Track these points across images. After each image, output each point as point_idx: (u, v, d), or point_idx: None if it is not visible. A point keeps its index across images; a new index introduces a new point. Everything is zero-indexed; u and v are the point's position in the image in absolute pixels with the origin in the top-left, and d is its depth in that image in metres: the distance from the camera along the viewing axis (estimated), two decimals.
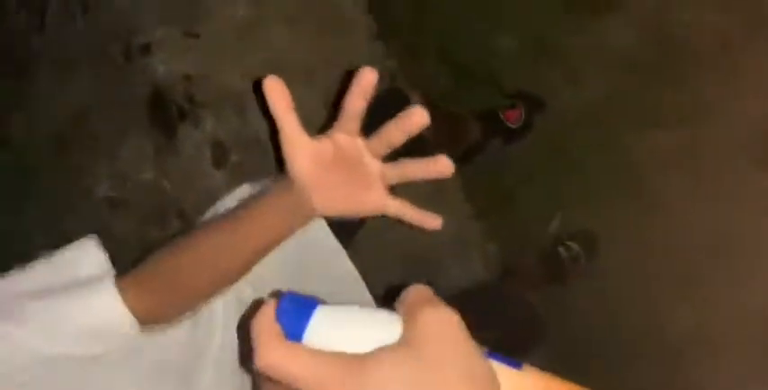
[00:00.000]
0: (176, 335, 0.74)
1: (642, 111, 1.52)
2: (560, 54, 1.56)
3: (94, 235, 0.73)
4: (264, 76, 0.57)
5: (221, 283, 0.72)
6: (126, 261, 0.73)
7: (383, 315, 0.38)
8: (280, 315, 0.37)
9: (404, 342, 0.35)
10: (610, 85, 1.54)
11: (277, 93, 0.56)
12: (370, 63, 0.56)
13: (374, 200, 0.62)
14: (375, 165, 0.60)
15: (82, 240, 0.72)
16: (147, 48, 1.27)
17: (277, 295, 0.39)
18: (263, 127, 1.28)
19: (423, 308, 0.36)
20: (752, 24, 1.37)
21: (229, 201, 0.87)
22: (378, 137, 0.59)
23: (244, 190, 0.87)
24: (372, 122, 0.61)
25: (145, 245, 0.73)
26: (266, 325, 0.36)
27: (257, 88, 0.57)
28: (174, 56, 1.30)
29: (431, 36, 1.63)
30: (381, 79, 0.57)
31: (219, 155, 1.29)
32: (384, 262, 1.43)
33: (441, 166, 0.58)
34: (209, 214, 0.91)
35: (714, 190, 1.46)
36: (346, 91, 0.58)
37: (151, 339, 0.71)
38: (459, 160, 1.60)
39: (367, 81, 0.55)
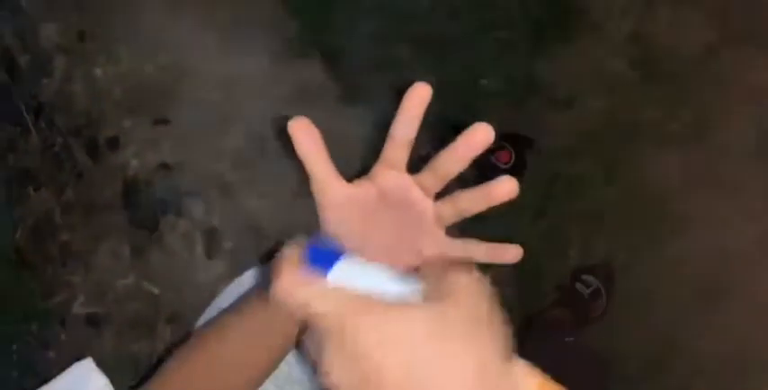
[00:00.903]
0: None
1: (642, 131, 1.52)
2: (544, 86, 1.55)
3: (89, 358, 0.69)
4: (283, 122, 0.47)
5: (247, 384, 0.64)
6: (122, 382, 0.69)
7: (403, 275, 0.40)
8: (307, 256, 0.39)
9: (431, 299, 0.36)
10: (602, 110, 1.54)
11: (305, 133, 0.46)
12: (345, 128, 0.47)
13: (432, 247, 0.51)
14: (428, 205, 0.49)
15: (77, 364, 0.70)
16: (114, 142, 1.18)
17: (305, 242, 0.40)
18: (253, 208, 1.18)
19: (451, 270, 0.37)
20: (737, 37, 1.40)
21: (232, 291, 0.82)
22: (430, 170, 0.48)
23: (247, 278, 0.81)
24: None
25: (137, 362, 0.69)
26: (291, 259, 0.38)
27: (283, 133, 0.47)
28: (146, 146, 1.21)
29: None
30: None
31: (211, 243, 1.18)
32: None
33: (506, 189, 0.47)
34: (210, 311, 0.85)
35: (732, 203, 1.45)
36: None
37: None
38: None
39: (417, 101, 0.45)
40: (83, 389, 0.68)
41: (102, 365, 0.73)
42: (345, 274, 0.39)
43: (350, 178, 0.50)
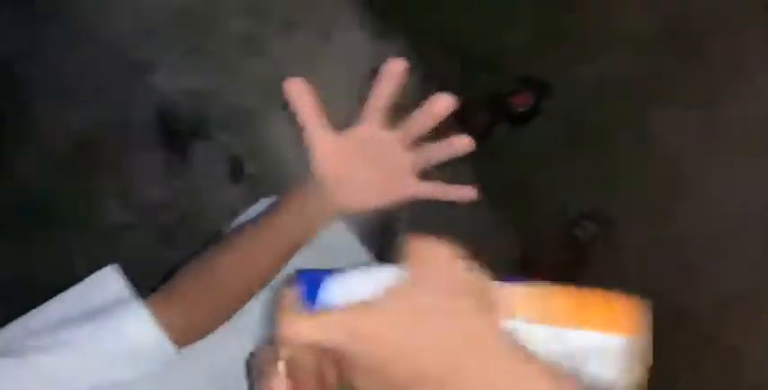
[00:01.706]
0: (221, 346, 0.74)
1: (656, 90, 1.52)
2: (568, 37, 1.55)
3: (115, 265, 0.74)
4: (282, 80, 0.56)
5: (252, 289, 0.72)
6: (148, 284, 0.73)
7: (389, 267, 0.40)
8: (298, 291, 0.40)
9: (408, 279, 0.37)
10: (620, 66, 1.54)
11: (299, 92, 0.56)
12: (373, 59, 0.54)
13: (406, 188, 0.62)
14: (403, 155, 0.60)
15: (103, 269, 0.73)
16: (149, 67, 1.25)
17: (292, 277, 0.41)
18: (275, 137, 1.26)
19: (422, 247, 0.38)
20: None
21: (250, 214, 0.88)
22: (405, 127, 0.59)
23: (262, 205, 0.88)
24: None
25: (162, 267, 0.73)
26: (285, 302, 0.39)
27: (279, 93, 0.57)
28: (178, 72, 1.27)
29: (433, 29, 1.62)
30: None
31: (235, 169, 1.27)
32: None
33: (462, 143, 0.58)
34: (230, 228, 0.91)
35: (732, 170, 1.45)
36: (371, 86, 0.57)
37: (195, 353, 0.71)
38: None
39: (394, 70, 0.55)
40: (100, 292, 0.71)
41: (129, 267, 0.78)
42: (335, 294, 0.40)
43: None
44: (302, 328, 0.38)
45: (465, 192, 0.62)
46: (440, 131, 0.82)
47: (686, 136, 1.51)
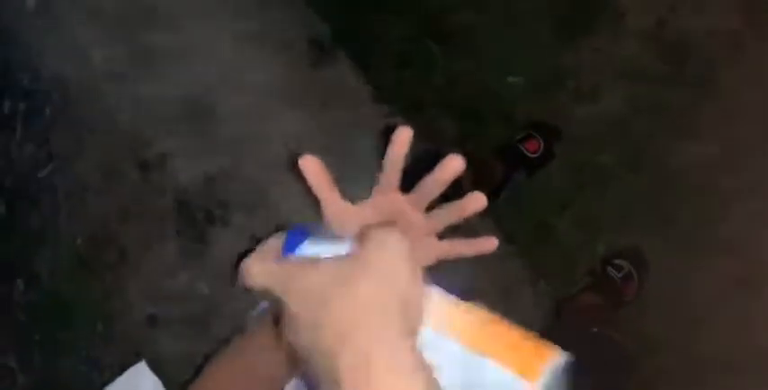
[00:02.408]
0: None
1: (667, 122, 1.52)
2: (570, 78, 1.56)
3: (143, 361, 0.75)
4: (295, 157, 0.56)
5: (287, 374, 0.69)
6: (179, 377, 0.73)
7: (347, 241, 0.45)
8: (281, 242, 0.46)
9: (352, 252, 0.42)
10: (625, 99, 1.54)
11: (314, 170, 0.56)
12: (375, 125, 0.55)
13: (428, 252, 0.62)
14: (418, 218, 0.60)
15: (134, 367, 0.74)
16: (162, 159, 1.26)
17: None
18: (294, 213, 1.25)
19: (373, 228, 0.43)
20: (761, 24, 1.38)
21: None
22: (417, 191, 0.59)
23: None
24: (411, 183, 0.60)
25: (192, 358, 0.74)
26: (268, 246, 0.47)
27: (295, 165, 0.57)
28: (189, 160, 1.28)
29: (431, 86, 1.64)
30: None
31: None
32: None
33: (475, 201, 0.58)
34: (256, 312, 0.91)
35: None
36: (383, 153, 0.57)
37: None
38: (490, 200, 1.58)
39: (401, 141, 0.56)
40: (138, 388, 0.73)
41: (161, 363, 0.77)
42: (305, 252, 0.45)
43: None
44: (256, 271, 0.42)
45: (488, 244, 0.61)
46: (457, 189, 0.81)
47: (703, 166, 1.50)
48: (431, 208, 0.62)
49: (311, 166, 0.55)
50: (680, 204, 1.53)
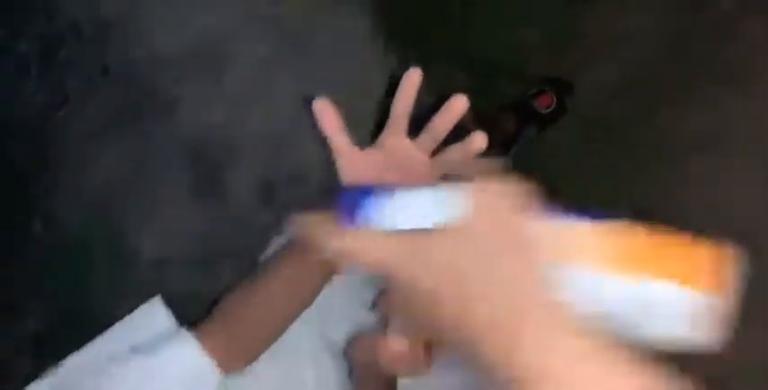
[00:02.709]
0: (266, 375, 0.76)
1: (670, 91, 1.51)
2: (581, 33, 1.55)
3: (158, 297, 0.79)
4: (308, 101, 0.59)
5: (295, 313, 0.75)
6: (189, 316, 0.77)
7: (443, 193, 0.38)
8: (342, 205, 0.39)
9: (464, 220, 0.37)
10: (643, 60, 1.53)
11: (326, 113, 0.58)
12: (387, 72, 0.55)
13: None
14: (425, 162, 0.62)
15: (148, 302, 0.79)
16: (174, 104, 1.28)
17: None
18: (301, 160, 1.28)
19: (480, 186, 0.38)
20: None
21: (285, 238, 0.90)
22: (425, 134, 0.61)
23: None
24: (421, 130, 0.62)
25: (202, 298, 0.77)
26: (325, 218, 0.39)
27: (308, 109, 0.59)
28: (204, 105, 1.30)
29: (444, 38, 1.63)
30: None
31: (265, 193, 1.28)
32: None
33: (476, 143, 0.60)
34: (266, 253, 0.94)
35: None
36: (391, 94, 0.60)
37: (238, 382, 0.74)
38: (499, 153, 1.59)
39: (411, 83, 0.58)
40: (148, 324, 0.76)
41: (171, 303, 0.81)
42: (384, 214, 0.39)
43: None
44: (361, 246, 0.37)
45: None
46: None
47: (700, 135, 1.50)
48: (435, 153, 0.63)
49: (324, 110, 0.58)
50: (688, 163, 1.52)
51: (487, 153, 1.56)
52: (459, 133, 0.63)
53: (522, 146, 1.58)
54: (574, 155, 1.60)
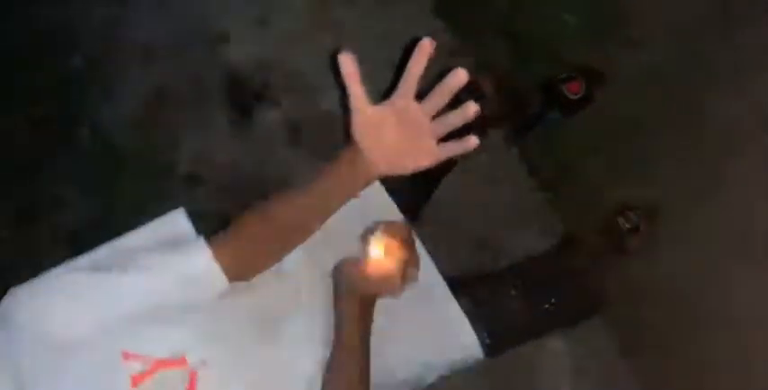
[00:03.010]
0: (265, 288, 0.85)
1: (709, 78, 1.49)
2: (621, 23, 1.54)
3: (182, 207, 0.85)
4: (336, 54, 0.67)
5: (298, 239, 0.84)
6: (206, 233, 0.83)
7: None
8: None
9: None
10: (672, 53, 1.52)
11: (348, 67, 0.66)
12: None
13: (428, 152, 0.72)
14: (426, 123, 0.70)
15: (172, 211, 0.85)
16: (223, 38, 1.35)
17: None
18: (332, 106, 1.35)
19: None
20: None
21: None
22: (428, 101, 0.69)
23: None
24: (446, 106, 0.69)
25: (219, 218, 0.82)
26: None
27: (333, 63, 0.67)
28: (248, 42, 1.37)
29: (490, 12, 1.65)
30: (440, 55, 0.65)
31: (294, 134, 1.36)
32: (446, 235, 1.47)
33: (469, 111, 0.68)
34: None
35: None
36: (407, 60, 0.67)
37: (242, 292, 0.82)
38: (520, 131, 1.64)
39: (424, 51, 0.65)
40: (169, 229, 0.83)
41: (195, 219, 0.86)
42: None
43: None
44: None
45: (470, 142, 0.70)
46: (492, 114, 0.90)
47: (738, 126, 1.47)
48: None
49: (347, 63, 0.66)
50: (707, 164, 1.52)
51: (510, 128, 1.65)
52: (480, 102, 0.70)
53: (544, 129, 1.62)
54: (591, 145, 1.63)
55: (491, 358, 1.09)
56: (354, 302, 0.85)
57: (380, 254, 0.82)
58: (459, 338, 1.05)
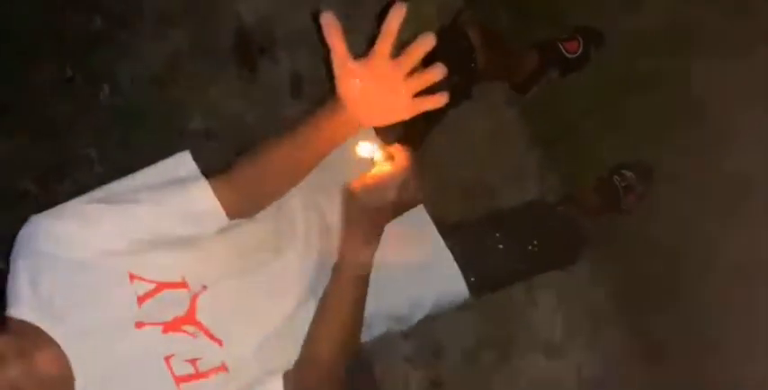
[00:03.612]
0: (263, 224, 0.93)
1: (705, 41, 1.52)
2: None
3: (188, 151, 0.91)
4: (317, 13, 0.73)
5: (291, 181, 0.91)
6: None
7: None
8: None
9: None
10: (671, 14, 1.54)
11: (330, 25, 0.71)
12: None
13: (404, 107, 0.79)
14: (403, 80, 0.77)
15: (179, 154, 0.91)
16: None
17: None
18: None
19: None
20: None
21: None
22: (399, 61, 0.75)
23: None
24: (436, 57, 0.75)
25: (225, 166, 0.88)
26: None
27: (316, 21, 0.73)
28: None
29: None
30: (445, 15, 0.70)
31: (296, 87, 1.43)
32: (441, 191, 1.53)
33: (440, 69, 0.75)
34: None
35: None
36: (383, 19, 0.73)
37: (242, 225, 0.90)
38: (518, 90, 1.66)
39: (398, 14, 0.71)
40: (176, 168, 0.88)
41: (201, 164, 0.89)
42: None
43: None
44: None
45: (440, 98, 0.78)
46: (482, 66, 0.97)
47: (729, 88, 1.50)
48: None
49: (328, 21, 0.71)
50: (698, 122, 1.56)
51: (509, 86, 1.67)
52: (469, 57, 0.75)
53: (542, 88, 1.65)
54: (588, 104, 1.66)
55: (477, 299, 1.15)
56: (364, 220, 0.87)
57: (383, 160, 0.86)
58: (445, 275, 1.11)
